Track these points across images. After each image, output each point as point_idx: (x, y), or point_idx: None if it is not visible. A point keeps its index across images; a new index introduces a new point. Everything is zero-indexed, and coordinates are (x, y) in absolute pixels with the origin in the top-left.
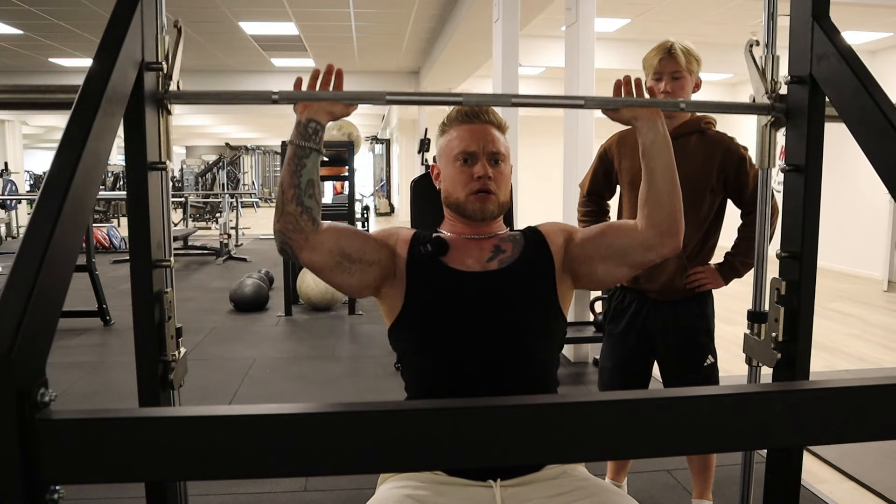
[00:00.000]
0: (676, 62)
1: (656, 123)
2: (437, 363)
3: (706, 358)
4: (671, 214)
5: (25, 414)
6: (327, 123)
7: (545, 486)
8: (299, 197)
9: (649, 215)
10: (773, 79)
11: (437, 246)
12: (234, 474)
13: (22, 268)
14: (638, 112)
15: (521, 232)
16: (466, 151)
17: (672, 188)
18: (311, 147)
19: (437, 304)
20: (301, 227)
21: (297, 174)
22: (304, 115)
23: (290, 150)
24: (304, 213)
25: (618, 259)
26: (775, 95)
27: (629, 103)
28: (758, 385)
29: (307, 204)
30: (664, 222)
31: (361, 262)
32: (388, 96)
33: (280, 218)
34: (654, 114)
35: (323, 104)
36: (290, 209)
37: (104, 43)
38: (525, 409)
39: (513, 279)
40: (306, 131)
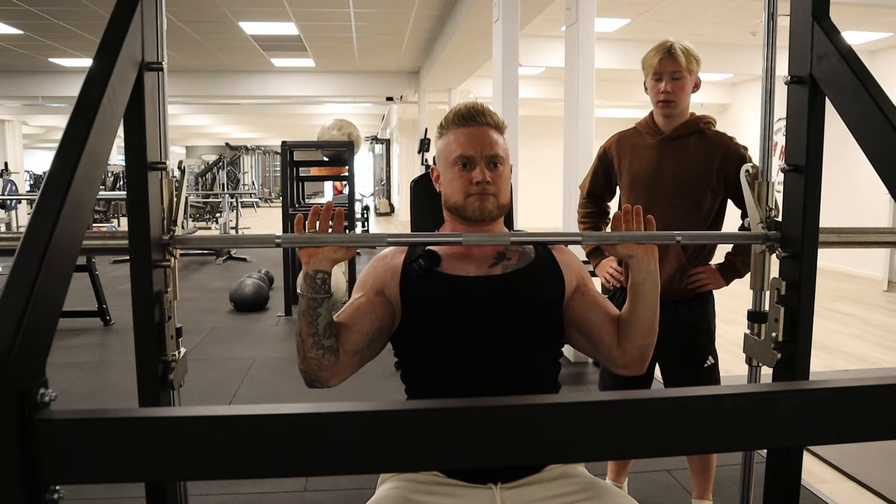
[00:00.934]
0: (676, 62)
1: (649, 264)
2: (436, 369)
3: (706, 359)
4: (642, 348)
5: (25, 414)
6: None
7: (545, 487)
8: (319, 342)
9: (624, 338)
10: (767, 206)
11: (428, 259)
12: (234, 474)
13: (22, 268)
14: (633, 251)
15: (533, 247)
16: (464, 156)
17: (649, 327)
18: (323, 297)
19: (434, 313)
20: (325, 366)
21: (315, 324)
22: (311, 267)
23: (302, 302)
24: (326, 352)
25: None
26: (770, 222)
27: (625, 238)
28: (758, 385)
29: (327, 345)
30: (634, 352)
31: (373, 341)
32: (389, 238)
33: (303, 361)
34: (649, 254)
35: (326, 252)
36: (312, 354)
37: (104, 43)
38: (525, 409)
39: (517, 285)
40: (315, 283)
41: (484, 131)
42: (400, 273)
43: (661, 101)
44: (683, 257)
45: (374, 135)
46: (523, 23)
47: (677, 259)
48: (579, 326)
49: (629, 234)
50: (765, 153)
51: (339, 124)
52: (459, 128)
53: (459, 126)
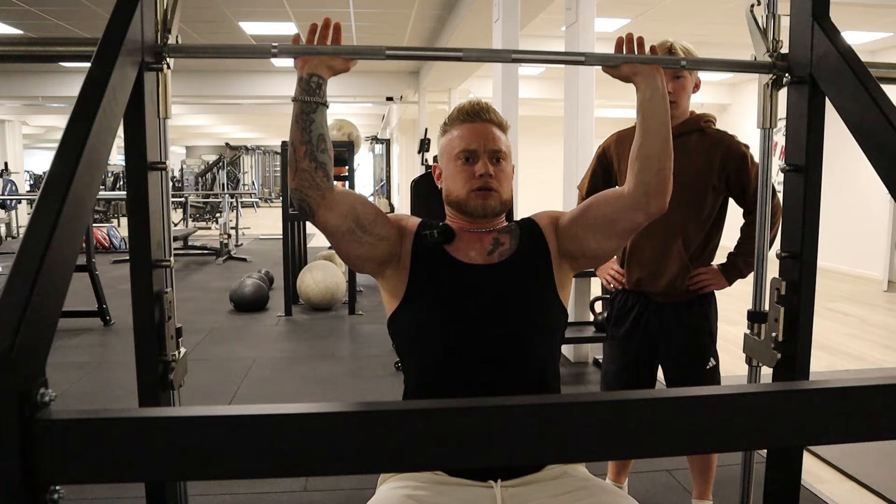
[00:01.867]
0: None
1: (655, 80)
2: (437, 352)
3: (708, 360)
4: (660, 172)
5: (25, 414)
6: (329, 77)
7: (546, 487)
8: (312, 152)
9: (638, 172)
10: (774, 38)
11: (443, 233)
12: (234, 474)
13: (22, 268)
14: (638, 68)
15: (516, 223)
16: (467, 150)
17: (664, 147)
18: (317, 101)
19: (440, 291)
20: (317, 184)
21: (307, 130)
22: (305, 71)
23: (295, 107)
24: (319, 168)
25: (606, 229)
26: (776, 54)
27: (630, 60)
28: (758, 385)
29: (320, 159)
30: (652, 180)
31: (372, 234)
32: (388, 51)
33: (295, 176)
34: (654, 70)
35: (323, 58)
36: (304, 165)
37: (104, 42)
38: (525, 409)
39: (512, 271)
40: (309, 86)
41: (487, 127)
42: (414, 236)
43: None
44: (685, 258)
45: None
46: (523, 23)
47: (679, 260)
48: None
49: (632, 56)
50: (765, 150)
51: (339, 124)
52: (463, 124)
53: (464, 122)
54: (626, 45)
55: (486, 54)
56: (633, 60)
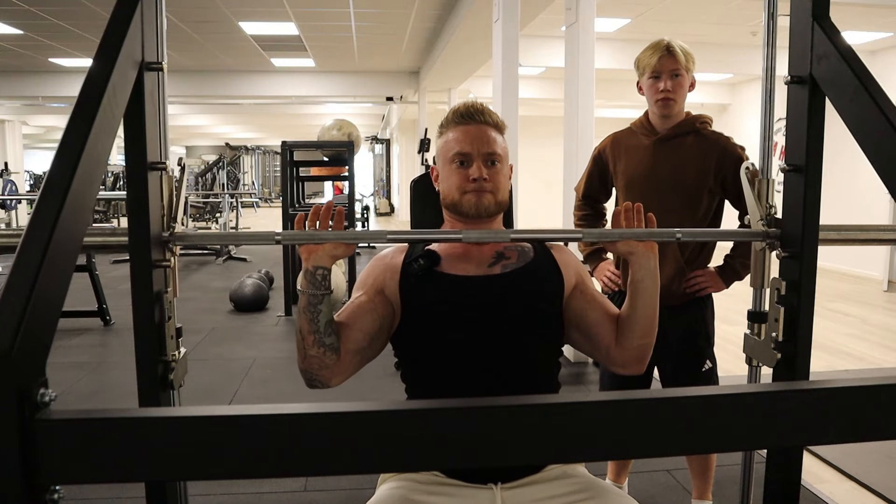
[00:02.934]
0: (676, 60)
1: (649, 261)
2: (436, 369)
3: (704, 363)
4: (640, 347)
5: (25, 414)
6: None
7: (545, 487)
8: (320, 339)
9: (623, 336)
10: (767, 204)
11: (428, 259)
12: (234, 474)
13: (22, 268)
14: (633, 248)
15: (531, 245)
16: (462, 153)
17: (649, 324)
18: (323, 293)
19: (433, 313)
20: (326, 364)
21: (315, 320)
22: (311, 264)
23: (302, 299)
24: (327, 350)
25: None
26: (770, 219)
27: (626, 236)
28: (758, 385)
29: (328, 342)
30: (633, 351)
31: (374, 339)
32: (389, 235)
33: (304, 360)
34: (649, 250)
35: (326, 248)
36: (313, 352)
37: (104, 43)
38: (525, 409)
39: (517, 284)
40: (315, 279)
41: (482, 130)
42: (400, 272)
43: (660, 99)
44: (681, 261)
45: (374, 135)
46: (523, 23)
47: (675, 262)
48: (578, 325)
49: (629, 231)
50: (765, 153)
51: (339, 124)
52: (458, 126)
53: (458, 124)
54: (624, 213)
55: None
56: (627, 236)
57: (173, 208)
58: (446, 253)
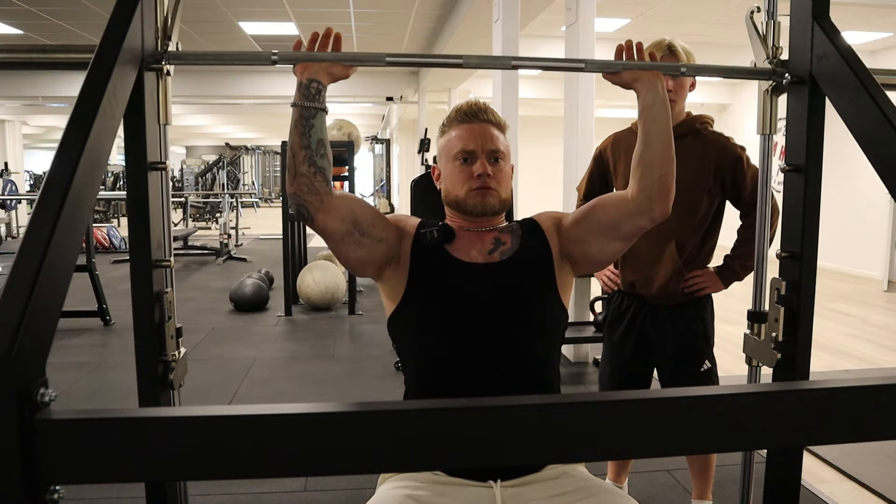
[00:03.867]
0: (678, 60)
1: (656, 86)
2: (437, 352)
3: (703, 363)
4: (662, 178)
5: (25, 414)
6: (328, 84)
7: (545, 487)
8: (311, 157)
9: (641, 178)
10: (773, 44)
11: (443, 232)
12: (234, 474)
13: (22, 268)
14: (639, 74)
15: (517, 223)
16: (466, 150)
17: (666, 152)
18: (317, 107)
19: (440, 290)
20: (316, 188)
21: (307, 135)
22: (305, 76)
23: (295, 112)
24: (318, 173)
25: (609, 233)
26: (776, 61)
27: (630, 66)
28: (758, 385)
29: (319, 164)
30: (654, 186)
31: (371, 236)
32: (388, 58)
33: (293, 181)
34: (655, 76)
35: (323, 65)
36: (303, 170)
37: (104, 43)
38: (525, 409)
39: (513, 271)
40: (309, 92)
41: (485, 128)
42: (413, 236)
43: None
44: (679, 261)
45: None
46: (523, 23)
47: (672, 263)
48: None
49: (633, 62)
50: (765, 153)
51: (339, 124)
52: (461, 124)
53: (462, 122)
54: (626, 51)
55: (486, 61)
56: (632, 67)
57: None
58: (457, 233)
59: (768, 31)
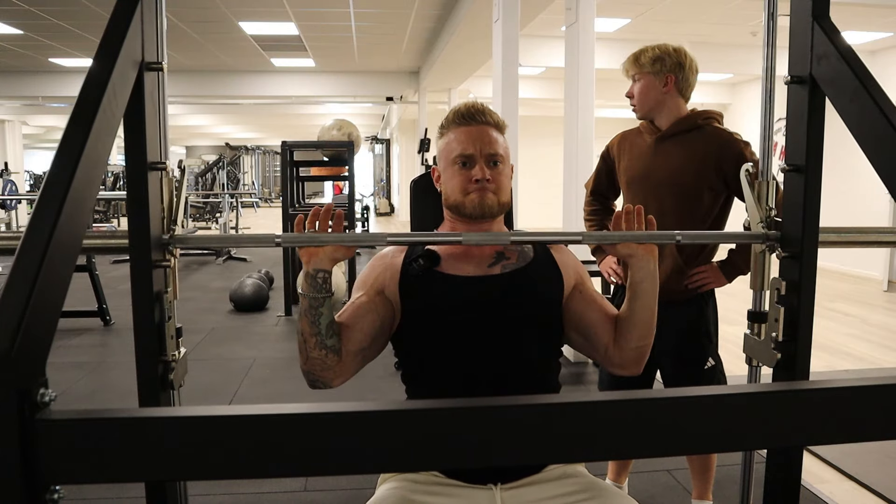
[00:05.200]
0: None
1: (648, 264)
2: (436, 368)
3: (706, 361)
4: (637, 349)
5: (25, 414)
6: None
7: (545, 488)
8: (322, 342)
9: (621, 337)
10: (767, 206)
11: (428, 259)
12: (234, 474)
13: (22, 268)
14: (633, 250)
15: (531, 245)
16: (464, 154)
17: (647, 325)
18: (324, 296)
19: (433, 312)
20: (328, 365)
21: (316, 323)
22: (311, 267)
23: (303, 302)
24: (329, 352)
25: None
26: (770, 222)
27: (626, 238)
28: (758, 385)
29: (329, 344)
30: (630, 354)
31: (374, 339)
32: (389, 237)
33: (306, 362)
34: (649, 253)
35: (326, 251)
36: (315, 354)
37: (104, 43)
38: (525, 409)
39: (517, 285)
40: (316, 282)
41: (484, 130)
42: (399, 273)
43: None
44: (679, 259)
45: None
46: (523, 23)
47: (672, 260)
48: (577, 325)
49: (629, 233)
50: (765, 153)
51: (339, 124)
52: (459, 127)
53: (459, 125)
54: (625, 216)
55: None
56: (627, 239)
57: (173, 210)
58: (446, 253)
59: (762, 193)
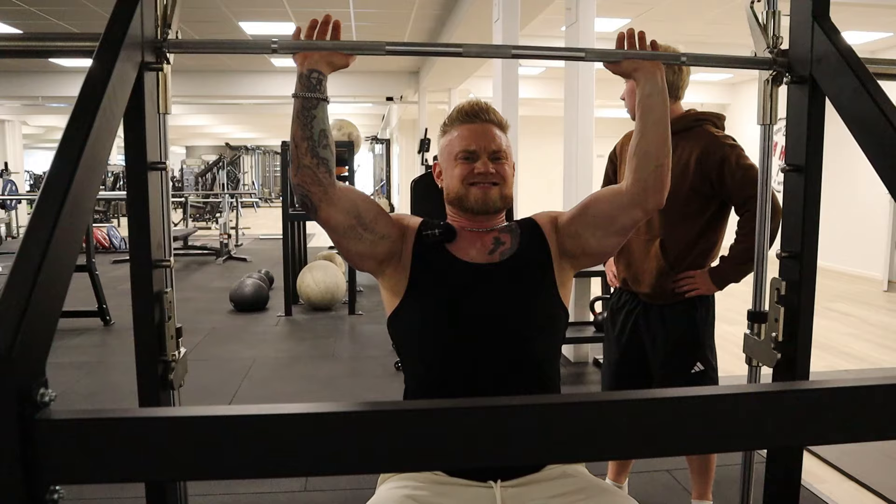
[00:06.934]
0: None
1: (655, 76)
2: (437, 351)
3: (692, 365)
4: (658, 169)
5: (25, 414)
6: (329, 73)
7: (545, 487)
8: (314, 148)
9: (636, 168)
10: (774, 34)
11: (445, 232)
12: (234, 474)
13: (22, 268)
14: (638, 64)
15: (516, 222)
16: (467, 150)
17: (662, 143)
18: (318, 97)
19: (441, 289)
20: (319, 180)
21: (309, 126)
22: (305, 66)
23: (296, 103)
24: (321, 164)
25: (605, 226)
26: (776, 50)
27: (629, 55)
28: (758, 385)
29: (322, 155)
30: (650, 177)
31: (373, 232)
32: (388, 46)
33: (297, 172)
34: (655, 66)
35: (323, 54)
36: (307, 162)
37: (104, 43)
38: (525, 409)
39: (513, 271)
40: (310, 82)
41: (487, 128)
42: (415, 236)
43: None
44: (662, 260)
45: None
46: (523, 23)
47: (656, 262)
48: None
49: (633, 51)
50: (765, 153)
51: (339, 124)
52: (463, 124)
53: (463, 123)
54: (627, 40)
55: (486, 50)
56: (632, 56)
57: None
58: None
59: (768, 22)
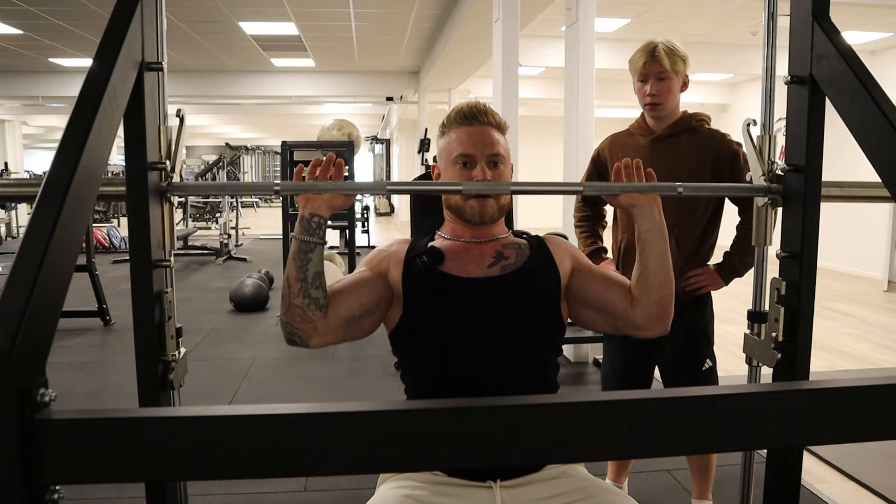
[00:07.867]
0: (660, 64)
1: (653, 211)
2: (436, 370)
3: (704, 362)
4: (660, 302)
5: (25, 414)
6: (329, 216)
7: (545, 487)
8: (306, 290)
9: (639, 299)
10: (769, 160)
11: (432, 257)
12: (234, 474)
13: (22, 268)
14: (635, 199)
15: (525, 240)
16: (465, 154)
17: (664, 278)
18: (316, 241)
19: (435, 312)
20: (309, 318)
21: (304, 269)
22: (307, 210)
23: (294, 244)
24: (312, 303)
25: (605, 317)
26: (772, 176)
27: (626, 189)
28: (758, 385)
29: (314, 295)
30: (652, 307)
31: (367, 314)
32: (389, 186)
33: (287, 310)
34: (652, 202)
35: (325, 198)
36: (298, 302)
37: (104, 43)
38: (525, 409)
39: (515, 286)
40: (310, 226)
41: (485, 130)
42: (403, 264)
43: (647, 103)
44: (679, 259)
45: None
46: (523, 23)
47: (672, 259)
48: (585, 301)
49: (630, 184)
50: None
51: (339, 124)
52: (461, 126)
53: (461, 125)
54: (624, 170)
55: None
56: (628, 189)
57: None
58: (449, 251)
59: (764, 147)
